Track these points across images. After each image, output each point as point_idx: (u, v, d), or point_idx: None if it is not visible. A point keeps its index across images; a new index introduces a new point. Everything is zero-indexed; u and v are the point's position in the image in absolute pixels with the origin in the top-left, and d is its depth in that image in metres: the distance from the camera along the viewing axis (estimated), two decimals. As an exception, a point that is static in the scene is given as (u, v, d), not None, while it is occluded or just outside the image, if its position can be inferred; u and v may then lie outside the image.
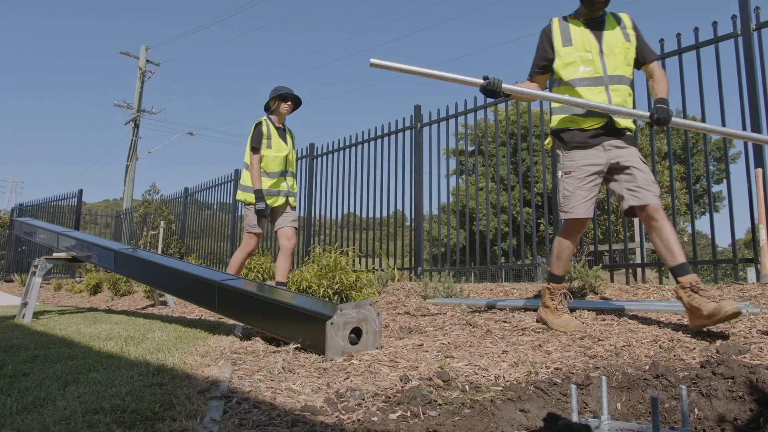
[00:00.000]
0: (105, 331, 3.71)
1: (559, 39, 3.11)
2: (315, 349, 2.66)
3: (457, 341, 2.87)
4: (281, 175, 4.90)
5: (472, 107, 6.53)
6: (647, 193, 2.87)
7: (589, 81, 3.00)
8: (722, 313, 2.50)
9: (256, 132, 4.81)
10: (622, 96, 2.99)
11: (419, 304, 4.41)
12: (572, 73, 3.03)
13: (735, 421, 1.80)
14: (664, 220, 2.83)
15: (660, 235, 2.83)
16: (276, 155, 4.85)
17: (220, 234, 11.01)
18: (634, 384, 2.08)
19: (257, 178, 4.73)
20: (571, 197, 3.01)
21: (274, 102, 4.90)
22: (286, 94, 4.88)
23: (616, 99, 2.97)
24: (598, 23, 3.07)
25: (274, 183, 4.85)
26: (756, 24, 4.37)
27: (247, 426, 1.57)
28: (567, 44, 3.08)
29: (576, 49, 3.04)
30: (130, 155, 21.16)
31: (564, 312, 3.16)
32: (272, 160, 4.83)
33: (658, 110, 2.81)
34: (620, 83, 2.99)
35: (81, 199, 14.08)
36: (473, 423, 1.69)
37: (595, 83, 2.99)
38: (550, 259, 3.26)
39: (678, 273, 2.77)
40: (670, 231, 2.82)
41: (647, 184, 2.89)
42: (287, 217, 4.93)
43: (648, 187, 2.89)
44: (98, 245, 5.07)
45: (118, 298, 8.17)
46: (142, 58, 22.03)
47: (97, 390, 1.92)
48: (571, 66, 3.04)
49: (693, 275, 2.75)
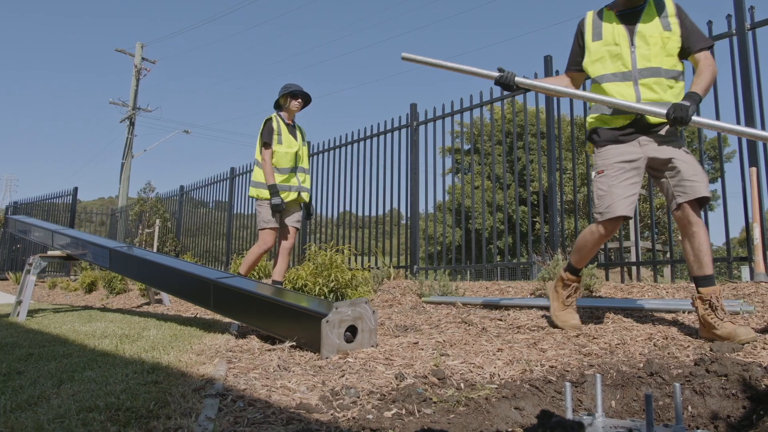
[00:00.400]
0: (100, 329, 3.71)
1: (590, 33, 2.93)
2: (310, 347, 2.66)
3: (452, 339, 2.87)
4: (292, 171, 4.90)
5: (468, 106, 6.53)
6: (695, 185, 2.64)
7: (616, 77, 2.81)
8: (736, 339, 2.43)
9: (267, 127, 4.80)
10: (656, 90, 2.73)
11: (415, 303, 4.41)
12: (599, 69, 2.87)
13: (728, 419, 1.80)
14: (699, 227, 2.65)
15: (692, 243, 2.67)
16: (287, 151, 4.85)
17: (215, 232, 11.00)
18: (628, 382, 2.09)
19: (270, 173, 4.71)
20: (606, 196, 2.79)
21: (285, 99, 4.90)
22: (296, 91, 4.88)
23: (646, 94, 2.73)
24: (634, 14, 2.82)
25: (285, 179, 4.85)
26: (751, 23, 4.38)
27: (242, 424, 1.57)
28: (597, 39, 2.90)
29: (605, 44, 2.85)
30: (126, 153, 21.10)
31: (569, 307, 3.09)
32: (283, 156, 4.82)
33: (677, 108, 2.51)
34: (654, 76, 2.73)
35: (76, 197, 14.04)
36: (468, 421, 1.69)
37: (622, 78, 2.79)
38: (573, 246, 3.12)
39: (701, 284, 2.66)
40: (704, 240, 2.65)
41: (694, 174, 2.65)
42: (292, 216, 4.94)
43: (694, 178, 2.65)
44: (93, 243, 5.05)
45: (114, 296, 8.15)
46: (137, 55, 21.96)
47: (91, 388, 1.92)
48: (599, 62, 2.87)
49: (716, 288, 2.63)
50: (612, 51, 2.82)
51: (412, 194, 7.02)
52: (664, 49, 2.74)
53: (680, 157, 2.69)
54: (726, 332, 2.48)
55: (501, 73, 2.86)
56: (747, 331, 2.43)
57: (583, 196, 12.65)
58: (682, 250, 2.80)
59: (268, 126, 4.80)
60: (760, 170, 4.20)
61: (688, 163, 2.68)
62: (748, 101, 4.30)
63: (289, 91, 4.87)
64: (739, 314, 2.93)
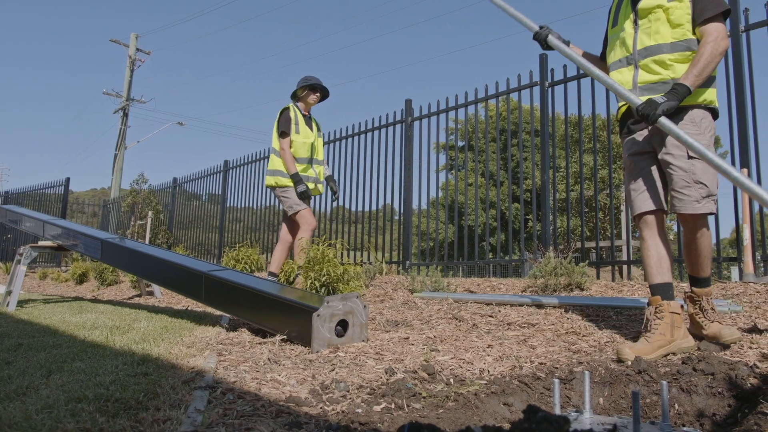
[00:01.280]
0: (90, 320, 3.69)
1: (611, 21, 2.75)
2: (301, 340, 2.66)
3: (443, 335, 2.89)
4: (309, 162, 4.90)
5: (462, 102, 6.54)
6: (680, 202, 2.43)
7: (621, 63, 2.62)
8: (722, 339, 2.40)
9: (284, 117, 4.79)
10: (654, 70, 2.49)
11: (406, 298, 4.42)
12: (611, 58, 2.69)
13: (714, 417, 1.82)
14: (695, 233, 2.45)
15: (690, 245, 2.52)
16: (304, 141, 4.84)
17: (208, 225, 10.97)
18: (616, 379, 2.11)
19: (291, 161, 4.69)
20: (627, 195, 2.64)
21: (303, 91, 4.89)
22: (316, 84, 4.88)
23: (642, 77, 2.51)
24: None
25: (303, 168, 4.84)
26: (745, 26, 4.40)
27: (231, 416, 1.57)
28: (614, 25, 2.71)
29: (617, 30, 2.66)
30: (119, 144, 20.99)
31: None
32: (301, 145, 4.81)
33: (646, 104, 2.30)
34: (653, 54, 2.49)
35: (68, 188, 13.96)
36: (457, 416, 1.70)
37: (626, 63, 2.60)
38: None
39: (695, 283, 2.58)
40: (702, 245, 2.47)
41: (684, 187, 2.41)
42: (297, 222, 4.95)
43: (684, 191, 2.41)
44: (84, 234, 5.03)
45: (105, 287, 8.12)
46: (131, 46, 21.82)
47: (81, 379, 1.92)
48: (612, 51, 2.70)
49: (708, 290, 2.55)
50: (621, 37, 2.63)
51: (405, 190, 7.03)
52: (668, 22, 2.47)
53: (676, 163, 2.42)
54: (712, 332, 2.48)
55: (540, 28, 2.72)
56: (732, 332, 2.41)
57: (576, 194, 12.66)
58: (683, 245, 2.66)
59: (285, 115, 4.78)
60: (751, 171, 4.23)
61: (684, 170, 2.40)
62: (740, 103, 4.33)
63: (309, 84, 4.86)
64: (728, 314, 2.95)
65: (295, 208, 4.73)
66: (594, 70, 2.52)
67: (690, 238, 2.49)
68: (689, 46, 2.45)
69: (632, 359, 2.21)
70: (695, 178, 2.38)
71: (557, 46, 2.68)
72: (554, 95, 5.71)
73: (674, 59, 2.45)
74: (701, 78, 2.35)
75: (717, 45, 2.35)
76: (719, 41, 2.35)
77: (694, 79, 2.33)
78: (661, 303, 2.42)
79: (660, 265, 2.48)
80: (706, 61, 2.33)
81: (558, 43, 2.69)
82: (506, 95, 6.24)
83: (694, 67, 2.34)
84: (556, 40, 2.69)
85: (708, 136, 2.44)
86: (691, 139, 2.20)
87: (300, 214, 4.73)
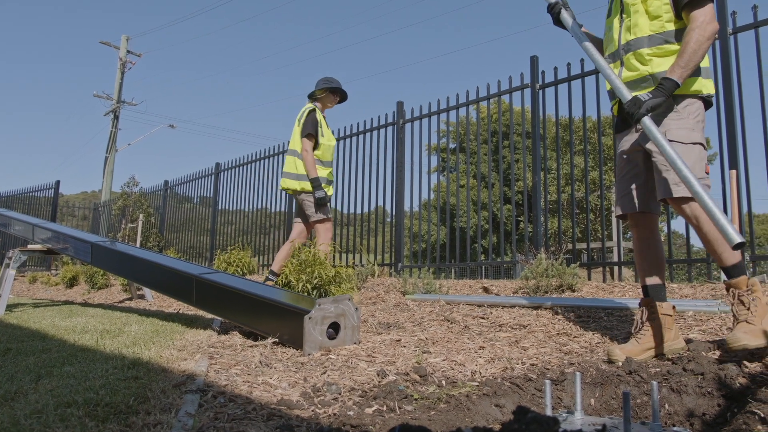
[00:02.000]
0: (80, 324, 3.67)
1: (607, 11, 2.62)
2: (293, 343, 2.66)
3: (434, 337, 2.89)
4: (331, 165, 4.85)
5: (454, 104, 6.55)
6: (658, 186, 2.31)
7: (609, 59, 2.53)
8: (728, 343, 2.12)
9: (310, 118, 4.64)
10: (633, 66, 2.39)
11: (398, 300, 4.42)
12: (605, 54, 2.58)
13: (703, 416, 1.83)
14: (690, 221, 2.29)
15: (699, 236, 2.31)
16: (329, 144, 4.77)
17: (200, 228, 10.93)
18: (607, 380, 2.12)
19: (313, 165, 4.58)
20: (618, 193, 2.55)
21: (323, 92, 4.79)
22: (337, 87, 4.81)
23: (624, 74, 2.42)
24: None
25: (329, 172, 4.78)
26: (732, 28, 4.44)
27: (222, 419, 1.56)
28: (607, 16, 2.60)
29: (608, 23, 2.57)
30: (110, 147, 20.87)
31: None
32: (327, 148, 4.73)
33: (631, 102, 2.21)
34: (634, 49, 2.38)
35: (58, 191, 13.87)
36: (448, 417, 1.70)
37: (612, 59, 2.51)
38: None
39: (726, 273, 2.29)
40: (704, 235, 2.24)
41: (661, 171, 2.29)
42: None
43: (660, 175, 2.29)
44: (75, 237, 5.00)
45: (95, 291, 8.06)
46: (122, 48, 21.71)
47: (70, 383, 1.90)
48: (605, 48, 2.59)
49: (737, 281, 2.23)
50: (611, 32, 2.53)
51: (397, 192, 7.03)
52: (646, 13, 2.36)
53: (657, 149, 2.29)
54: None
55: (555, 2, 2.60)
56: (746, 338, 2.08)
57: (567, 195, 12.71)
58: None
59: (312, 117, 4.65)
60: (740, 173, 4.26)
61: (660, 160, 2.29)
62: (729, 105, 4.36)
63: (331, 86, 4.79)
64: (717, 314, 2.97)
65: (320, 216, 4.63)
66: (598, 60, 2.40)
67: (693, 226, 2.28)
68: (666, 38, 2.33)
69: (623, 360, 2.22)
70: (667, 167, 2.26)
71: (567, 25, 2.55)
72: (545, 97, 5.73)
73: (652, 53, 2.34)
74: (689, 68, 2.21)
75: (703, 30, 2.19)
76: (705, 26, 2.19)
77: (681, 71, 2.20)
78: (652, 304, 2.43)
79: (652, 265, 2.47)
80: (692, 49, 2.18)
81: (569, 20, 2.56)
82: (497, 97, 6.26)
83: (681, 58, 2.20)
84: (569, 18, 2.56)
85: (692, 120, 2.30)
86: (669, 147, 2.12)
87: (324, 225, 4.65)
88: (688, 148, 2.26)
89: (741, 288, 2.20)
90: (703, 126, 2.35)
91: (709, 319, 2.90)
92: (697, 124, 2.31)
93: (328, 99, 4.84)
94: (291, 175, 4.72)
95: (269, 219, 9.27)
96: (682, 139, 2.27)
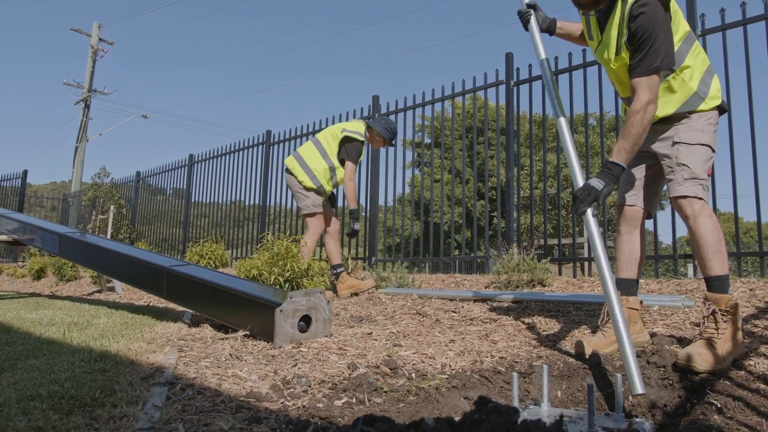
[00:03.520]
0: (47, 316, 3.60)
1: None
2: (264, 336, 2.65)
3: (406, 330, 2.91)
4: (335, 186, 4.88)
5: (429, 99, 6.57)
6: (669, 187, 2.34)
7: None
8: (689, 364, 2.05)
9: (357, 149, 4.65)
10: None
11: (371, 294, 4.44)
12: None
13: (665, 407, 1.88)
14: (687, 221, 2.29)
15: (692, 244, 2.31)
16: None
17: (172, 220, 10.79)
18: (574, 372, 2.16)
19: (356, 196, 4.62)
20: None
21: (377, 134, 4.76)
22: (394, 138, 4.85)
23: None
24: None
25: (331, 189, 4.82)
26: (701, 30, 4.53)
27: (190, 412, 1.55)
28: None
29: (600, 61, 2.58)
30: (80, 136, 20.44)
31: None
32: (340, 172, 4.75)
33: (582, 190, 2.20)
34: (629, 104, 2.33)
35: (25, 180, 13.55)
36: (417, 409, 1.72)
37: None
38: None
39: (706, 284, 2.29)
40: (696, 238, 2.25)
41: (668, 173, 2.33)
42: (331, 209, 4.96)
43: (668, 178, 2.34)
44: (42, 228, 4.90)
45: (64, 283, 7.91)
46: (94, 36, 21.25)
47: (34, 376, 1.87)
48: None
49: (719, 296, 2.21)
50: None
51: (372, 186, 7.03)
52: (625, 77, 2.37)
53: (662, 151, 2.38)
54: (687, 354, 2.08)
55: (527, 7, 2.56)
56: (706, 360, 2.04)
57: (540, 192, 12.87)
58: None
59: (359, 148, 4.66)
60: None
61: (669, 156, 2.35)
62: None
63: (391, 135, 4.78)
64: (681, 309, 3.05)
65: (312, 210, 4.63)
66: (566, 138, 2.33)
67: (688, 227, 2.28)
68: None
69: (589, 353, 2.26)
70: (678, 160, 2.30)
71: (533, 37, 2.51)
72: (519, 94, 5.79)
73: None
74: (635, 150, 2.23)
75: (645, 114, 2.19)
76: (647, 107, 2.18)
77: (627, 155, 2.23)
78: (620, 298, 2.48)
79: (629, 261, 2.51)
80: (637, 133, 2.20)
81: (535, 33, 2.51)
82: (473, 93, 6.29)
83: (625, 141, 2.21)
84: (535, 28, 2.51)
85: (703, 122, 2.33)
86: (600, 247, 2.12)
87: (314, 217, 4.65)
88: (694, 149, 2.30)
89: (720, 306, 2.17)
90: (714, 129, 2.37)
91: (674, 314, 2.97)
92: (707, 127, 2.34)
93: (379, 142, 4.85)
94: (305, 166, 4.67)
95: (243, 212, 9.20)
96: (688, 140, 2.31)
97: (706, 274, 2.23)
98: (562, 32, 2.70)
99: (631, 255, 2.51)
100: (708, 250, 2.21)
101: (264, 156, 8.66)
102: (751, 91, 4.25)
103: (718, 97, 2.38)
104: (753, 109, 4.26)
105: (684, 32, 2.30)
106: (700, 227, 2.22)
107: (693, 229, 2.24)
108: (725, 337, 2.11)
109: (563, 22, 2.70)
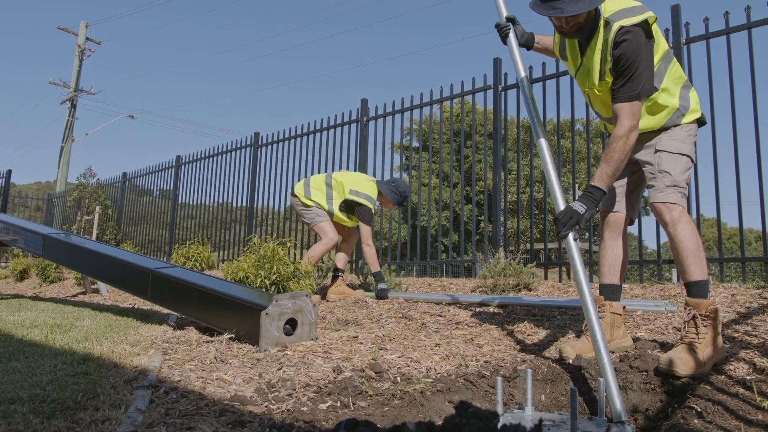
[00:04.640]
0: (30, 318, 3.56)
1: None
2: (249, 339, 2.64)
3: (392, 334, 2.91)
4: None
5: (418, 103, 6.59)
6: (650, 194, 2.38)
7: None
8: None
9: (369, 212, 4.59)
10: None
11: (357, 297, 4.43)
12: None
13: (647, 411, 1.90)
14: (666, 228, 2.33)
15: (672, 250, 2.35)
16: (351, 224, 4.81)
17: (159, 221, 10.71)
18: (558, 377, 2.18)
19: (375, 258, 4.58)
20: None
21: (393, 198, 4.71)
22: (404, 202, 4.84)
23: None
24: None
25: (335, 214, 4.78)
26: (686, 38, 4.59)
27: (173, 415, 1.55)
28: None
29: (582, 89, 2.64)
30: (66, 136, 20.24)
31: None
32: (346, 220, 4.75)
33: (564, 213, 2.22)
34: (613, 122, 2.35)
35: (9, 180, 13.37)
36: (401, 413, 1.73)
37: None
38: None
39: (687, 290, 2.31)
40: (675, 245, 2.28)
41: (650, 179, 2.39)
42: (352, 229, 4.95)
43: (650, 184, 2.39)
44: (25, 229, 4.84)
45: (47, 284, 7.82)
46: (81, 35, 21.07)
47: (15, 379, 1.85)
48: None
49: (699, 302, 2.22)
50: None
51: (360, 189, 7.02)
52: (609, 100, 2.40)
53: (645, 159, 2.43)
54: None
55: (506, 21, 2.57)
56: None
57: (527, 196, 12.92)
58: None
59: (369, 212, 4.60)
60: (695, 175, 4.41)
61: (651, 163, 2.40)
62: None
63: (400, 200, 4.75)
64: (665, 313, 3.08)
65: (317, 221, 4.65)
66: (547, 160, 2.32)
67: (668, 234, 2.32)
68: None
69: (573, 357, 2.28)
70: (660, 167, 2.34)
71: (511, 53, 2.53)
72: (507, 99, 5.82)
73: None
74: (616, 175, 2.28)
75: (627, 140, 2.23)
76: (629, 134, 2.23)
77: (608, 179, 2.26)
78: (604, 303, 2.51)
79: (612, 266, 2.54)
80: (619, 158, 2.24)
81: (514, 48, 2.52)
82: (461, 97, 6.32)
83: (607, 166, 2.25)
84: (514, 43, 2.52)
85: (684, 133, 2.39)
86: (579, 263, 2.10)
87: (320, 226, 4.65)
88: (675, 157, 2.35)
89: (700, 311, 2.19)
90: (694, 141, 2.43)
91: (657, 319, 3.00)
92: (688, 138, 2.40)
93: (391, 205, 4.84)
94: (308, 193, 4.72)
95: (230, 214, 9.16)
96: (670, 149, 2.36)
97: (686, 279, 2.27)
98: (540, 47, 2.75)
99: (615, 260, 2.54)
100: (687, 255, 2.24)
101: (252, 158, 8.63)
102: (734, 99, 4.32)
103: (697, 110, 2.46)
104: (735, 116, 4.32)
105: (663, 51, 2.35)
106: (680, 233, 2.25)
107: (672, 235, 2.27)
108: (705, 342, 2.13)
109: (541, 37, 2.74)
